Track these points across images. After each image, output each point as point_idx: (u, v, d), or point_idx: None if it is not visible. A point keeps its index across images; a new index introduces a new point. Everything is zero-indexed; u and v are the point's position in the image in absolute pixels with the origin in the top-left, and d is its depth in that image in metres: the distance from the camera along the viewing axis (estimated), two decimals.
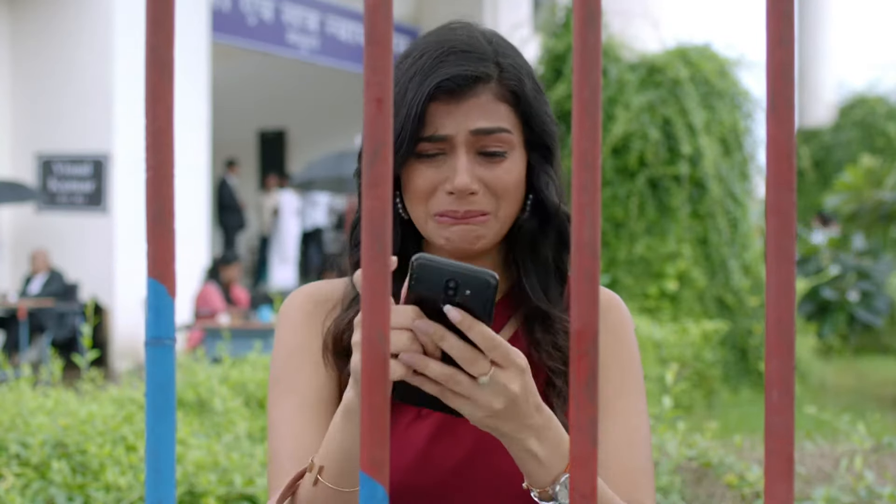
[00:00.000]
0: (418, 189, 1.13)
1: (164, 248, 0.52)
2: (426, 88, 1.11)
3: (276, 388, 1.19)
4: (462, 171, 1.11)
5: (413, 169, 1.13)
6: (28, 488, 2.92)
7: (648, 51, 9.53)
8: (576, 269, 0.56)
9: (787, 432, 0.52)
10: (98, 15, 9.76)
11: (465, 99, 1.12)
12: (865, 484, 3.36)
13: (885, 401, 8.41)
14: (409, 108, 1.11)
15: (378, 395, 0.53)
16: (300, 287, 1.26)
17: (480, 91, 1.13)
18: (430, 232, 1.15)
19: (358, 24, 13.44)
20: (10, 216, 10.40)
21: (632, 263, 8.98)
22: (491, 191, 1.13)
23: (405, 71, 1.14)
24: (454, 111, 1.12)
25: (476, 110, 1.12)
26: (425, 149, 1.12)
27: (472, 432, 1.15)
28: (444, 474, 1.15)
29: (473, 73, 1.12)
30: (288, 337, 1.21)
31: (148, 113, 0.52)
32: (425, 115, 1.11)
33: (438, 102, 1.12)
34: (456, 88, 1.12)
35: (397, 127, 1.12)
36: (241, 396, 4.49)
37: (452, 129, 1.12)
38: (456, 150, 1.12)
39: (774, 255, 0.52)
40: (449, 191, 1.12)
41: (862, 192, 9.52)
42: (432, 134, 1.12)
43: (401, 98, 1.13)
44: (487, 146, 1.13)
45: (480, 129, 1.12)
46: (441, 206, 1.13)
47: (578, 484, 0.59)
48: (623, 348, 1.22)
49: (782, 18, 0.51)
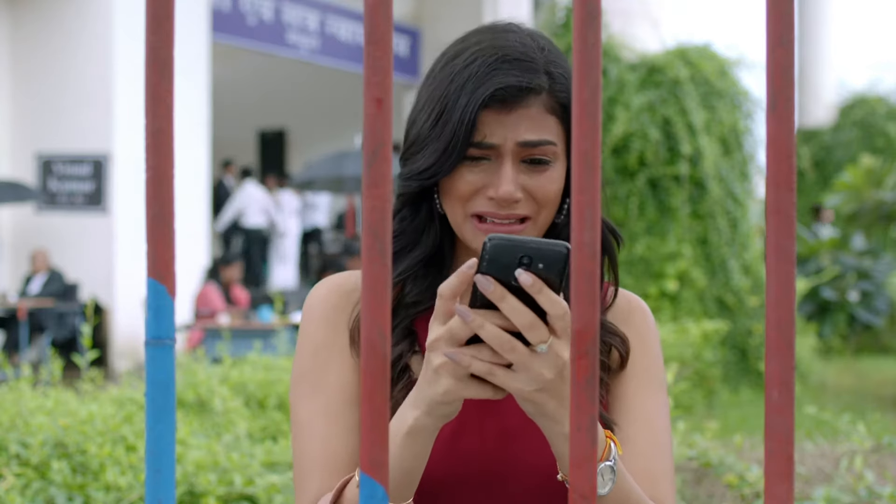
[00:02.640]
0: (460, 191, 1.14)
1: (164, 248, 0.52)
2: (480, 96, 1.11)
3: (301, 386, 1.18)
4: (507, 180, 1.12)
5: (456, 171, 1.14)
6: (28, 488, 2.92)
7: (648, 51, 9.53)
8: (576, 269, 0.56)
9: (787, 432, 0.52)
10: (98, 15, 9.76)
11: (516, 109, 1.13)
12: (865, 484, 3.36)
13: (885, 401, 8.41)
14: (462, 113, 1.11)
15: (378, 395, 0.53)
16: (326, 278, 1.25)
17: (531, 102, 1.13)
18: (467, 234, 1.15)
19: (358, 24, 13.43)
20: (10, 216, 10.40)
21: (632, 263, 8.98)
22: (533, 198, 1.14)
23: (457, 73, 1.14)
24: (504, 120, 1.12)
25: (525, 122, 1.13)
26: (471, 153, 1.13)
27: (496, 425, 1.16)
28: (467, 467, 1.15)
29: (527, 84, 1.12)
30: (313, 332, 1.20)
31: (148, 113, 0.52)
32: (476, 123, 1.12)
33: (490, 110, 1.12)
34: (509, 98, 1.12)
35: (449, 131, 1.12)
36: (241, 396, 4.49)
37: (501, 138, 1.12)
38: (502, 158, 1.13)
39: (774, 255, 0.52)
40: (491, 196, 1.13)
41: (862, 192, 9.52)
42: (481, 140, 1.12)
43: (452, 102, 1.13)
44: (533, 155, 1.14)
45: (528, 142, 1.13)
46: (481, 208, 1.13)
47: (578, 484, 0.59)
48: (647, 351, 1.23)
49: (782, 18, 0.51)
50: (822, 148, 17.70)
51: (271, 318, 8.54)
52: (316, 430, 1.15)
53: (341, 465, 1.13)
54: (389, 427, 1.06)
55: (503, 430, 1.16)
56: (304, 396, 1.17)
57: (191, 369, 4.71)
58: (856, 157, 13.96)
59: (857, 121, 17.80)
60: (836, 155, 17.40)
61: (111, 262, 9.80)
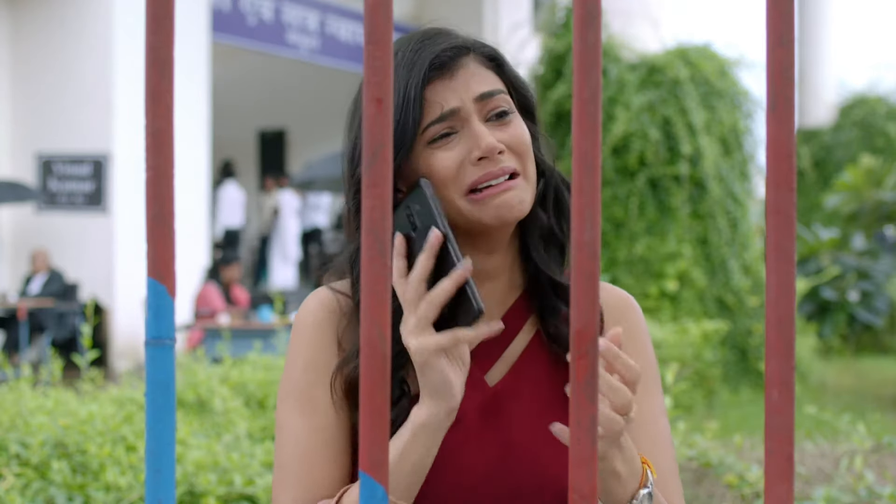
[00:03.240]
0: (445, 170, 1.12)
1: (164, 248, 0.52)
2: (419, 72, 1.12)
3: (288, 402, 1.17)
4: (483, 133, 1.12)
5: (429, 157, 1.13)
6: (28, 488, 2.92)
7: (648, 51, 9.53)
8: (576, 269, 0.56)
9: (787, 432, 0.52)
10: (98, 15, 9.76)
11: (457, 71, 1.14)
12: (865, 484, 3.36)
13: (885, 401, 8.40)
14: (405, 97, 1.11)
15: (378, 395, 0.53)
16: (314, 291, 1.23)
17: (466, 62, 1.15)
18: (467, 213, 1.12)
19: (358, 24, 13.43)
20: (10, 216, 10.40)
21: (632, 263, 8.98)
22: (512, 150, 1.13)
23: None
24: (451, 85, 1.13)
25: (471, 79, 1.14)
26: (436, 131, 1.12)
27: (502, 440, 1.15)
28: (473, 482, 1.14)
29: (455, 44, 1.15)
30: (301, 349, 1.18)
31: (148, 113, 0.52)
32: (424, 100, 1.12)
33: (433, 83, 1.13)
34: (447, 62, 1.13)
35: (399, 120, 1.11)
36: (241, 396, 4.49)
37: (457, 101, 1.13)
38: (467, 121, 1.13)
39: (774, 255, 0.52)
40: (477, 157, 1.11)
41: (862, 192, 9.52)
42: (441, 113, 1.12)
43: (395, 95, 1.12)
44: (493, 108, 1.14)
45: (484, 93, 1.14)
46: (473, 176, 1.12)
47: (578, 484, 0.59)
48: (640, 351, 1.22)
49: (782, 18, 0.51)
50: (822, 148, 17.69)
51: (271, 318, 8.54)
52: (300, 446, 1.14)
53: (322, 483, 1.12)
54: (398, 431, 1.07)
55: (508, 444, 1.15)
56: (293, 412, 1.16)
57: (191, 369, 4.71)
58: (856, 157, 13.95)
59: (857, 121, 17.79)
60: (836, 155, 17.39)
61: (111, 262, 9.80)
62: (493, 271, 1.19)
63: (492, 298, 1.19)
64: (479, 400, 1.16)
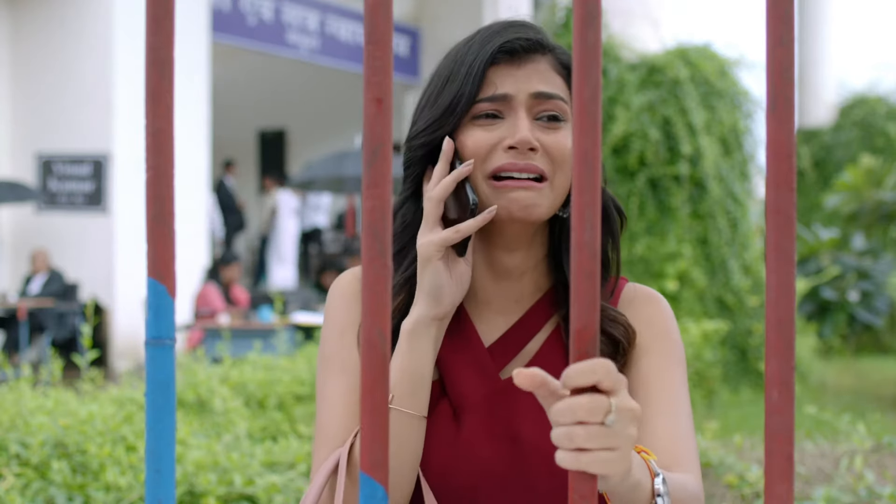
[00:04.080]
0: (475, 150, 1.13)
1: (164, 248, 0.52)
2: (488, 50, 1.14)
3: (327, 366, 1.21)
4: (523, 126, 1.12)
5: (469, 132, 1.14)
6: (28, 488, 2.92)
7: (648, 51, 9.53)
8: (576, 269, 0.56)
9: (787, 432, 0.52)
10: (98, 15, 9.76)
11: (525, 63, 1.15)
12: (865, 484, 3.36)
13: (885, 401, 8.40)
14: (469, 67, 1.13)
15: (378, 394, 0.53)
16: (352, 268, 1.27)
17: (539, 59, 1.16)
18: (484, 198, 1.14)
19: (358, 24, 13.43)
20: (10, 216, 10.40)
21: (632, 263, 8.97)
22: (549, 154, 1.14)
23: (461, 48, 1.17)
24: (515, 73, 1.14)
25: (536, 75, 1.15)
26: (482, 109, 1.14)
27: (510, 434, 1.16)
28: (482, 475, 1.15)
29: (535, 38, 1.16)
30: (339, 314, 1.22)
31: (148, 113, 0.52)
32: (485, 78, 1.13)
33: (499, 66, 1.14)
34: (518, 50, 1.15)
35: (456, 86, 1.13)
36: (241, 396, 4.49)
37: (513, 89, 1.14)
38: (515, 110, 1.14)
39: (774, 255, 0.52)
40: (509, 145, 1.12)
41: (862, 192, 9.52)
42: (493, 93, 1.13)
43: (459, 64, 1.15)
44: (546, 111, 1.15)
45: (542, 93, 1.14)
46: (499, 162, 1.13)
47: (578, 484, 0.59)
48: (657, 333, 1.21)
49: (782, 18, 0.51)
50: (822, 148, 17.69)
51: (271, 318, 8.54)
52: (339, 410, 1.17)
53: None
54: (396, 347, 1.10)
55: (517, 438, 1.16)
56: (330, 376, 1.19)
57: (191, 369, 4.71)
58: (856, 157, 13.95)
59: (857, 121, 17.79)
60: (836, 155, 17.39)
61: (111, 262, 9.79)
62: (514, 270, 1.20)
63: (513, 296, 1.21)
64: (490, 392, 1.17)
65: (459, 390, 1.17)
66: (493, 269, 1.20)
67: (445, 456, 1.14)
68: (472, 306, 1.21)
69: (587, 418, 0.68)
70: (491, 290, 1.21)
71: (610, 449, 0.69)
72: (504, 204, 1.12)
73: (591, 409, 0.68)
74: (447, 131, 1.14)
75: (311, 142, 16.04)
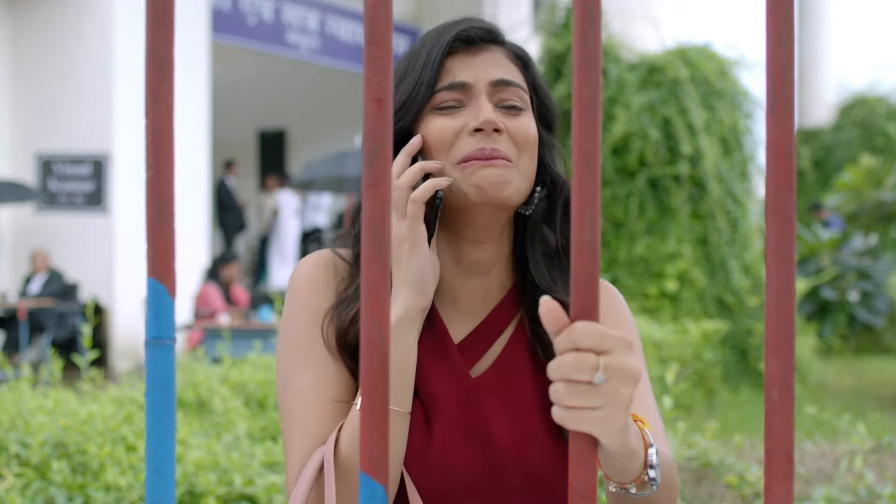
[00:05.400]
0: (440, 138, 1.14)
1: (164, 248, 0.52)
2: (445, 40, 1.15)
3: (292, 356, 1.17)
4: (486, 108, 1.14)
5: (431, 122, 1.15)
6: (28, 488, 2.92)
7: (648, 51, 9.53)
8: (576, 269, 0.56)
9: (787, 432, 0.52)
10: (98, 15, 9.76)
11: (481, 52, 1.17)
12: (865, 484, 3.36)
13: (885, 401, 8.41)
14: (427, 57, 1.15)
15: (378, 395, 0.53)
16: (313, 252, 1.24)
17: (494, 49, 1.18)
18: (457, 183, 1.14)
19: (358, 24, 13.43)
20: (10, 216, 10.40)
21: (632, 263, 8.97)
22: (513, 138, 1.14)
23: (416, 45, 1.19)
24: (472, 63, 1.16)
25: (493, 64, 1.17)
26: (444, 99, 1.15)
27: (489, 437, 1.15)
28: (459, 479, 1.14)
29: (488, 28, 1.18)
30: (308, 301, 1.18)
31: (148, 113, 0.52)
32: (442, 68, 1.15)
33: (456, 55, 1.16)
34: (475, 39, 1.16)
35: (413, 81, 1.14)
36: (241, 396, 4.49)
37: (472, 77, 1.15)
38: (476, 97, 1.15)
39: (774, 255, 0.52)
40: (474, 128, 1.13)
41: (862, 192, 9.52)
42: (452, 81, 1.15)
43: (416, 58, 1.16)
44: (506, 99, 1.16)
45: (501, 80, 1.16)
46: (466, 149, 1.13)
47: (578, 484, 0.59)
48: (617, 322, 1.23)
49: (782, 18, 0.51)
50: (822, 148, 17.69)
51: (271, 318, 8.54)
52: (313, 398, 1.13)
53: (331, 431, 1.12)
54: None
55: (489, 439, 1.15)
56: (302, 366, 1.15)
57: (191, 369, 4.71)
58: (856, 157, 13.95)
59: (857, 121, 17.79)
60: (836, 155, 17.40)
61: (111, 262, 9.79)
62: (484, 265, 1.20)
63: (479, 293, 1.21)
64: (461, 392, 1.17)
65: (431, 391, 1.16)
66: (461, 265, 1.19)
67: (418, 459, 1.13)
68: (440, 303, 1.20)
69: (571, 375, 0.69)
70: (458, 286, 1.20)
71: (594, 408, 0.69)
72: (475, 182, 1.12)
73: (575, 366, 0.68)
74: (408, 122, 1.15)
75: (311, 142, 16.04)
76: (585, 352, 0.68)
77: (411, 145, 1.14)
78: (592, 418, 0.69)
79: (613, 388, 0.71)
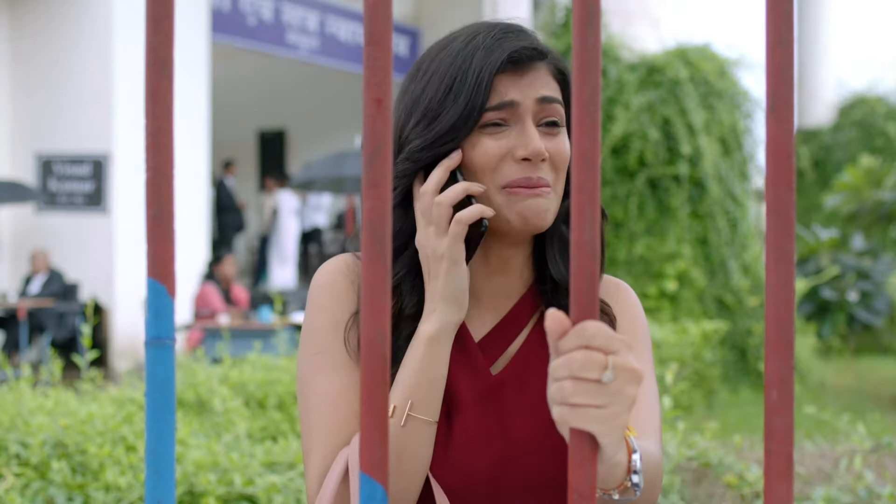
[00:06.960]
0: (487, 159, 1.15)
1: (164, 248, 0.52)
2: (496, 60, 1.15)
3: (313, 361, 1.17)
4: (535, 136, 1.14)
5: (476, 142, 1.15)
6: (28, 488, 2.92)
7: (648, 51, 9.53)
8: (576, 269, 0.56)
9: (786, 432, 0.52)
10: (98, 15, 9.76)
11: (528, 71, 1.17)
12: (865, 484, 3.36)
13: (885, 401, 8.41)
14: (477, 77, 1.14)
15: (378, 395, 0.53)
16: (335, 256, 1.25)
17: (539, 66, 1.18)
18: (499, 207, 1.15)
19: (358, 24, 13.43)
20: (10, 216, 10.40)
21: (632, 263, 8.98)
22: (552, 162, 1.16)
23: (460, 49, 1.17)
24: (519, 82, 1.16)
25: (539, 81, 1.17)
26: (489, 118, 1.15)
27: (504, 437, 1.16)
28: (474, 477, 1.15)
29: (536, 46, 1.18)
30: (332, 304, 1.19)
31: (148, 113, 0.52)
32: (492, 85, 1.15)
33: (504, 74, 1.16)
34: (524, 60, 1.16)
35: (465, 96, 1.14)
36: (241, 396, 4.49)
37: (519, 96, 1.16)
38: (522, 118, 1.16)
39: (774, 255, 0.52)
40: (522, 157, 1.14)
41: (862, 192, 9.52)
42: (500, 101, 1.15)
43: (464, 71, 1.15)
44: (548, 116, 1.17)
45: (546, 97, 1.17)
46: (511, 176, 1.14)
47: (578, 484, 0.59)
48: (633, 321, 1.26)
49: (782, 18, 0.51)
50: (821, 148, 17.70)
51: (271, 318, 8.54)
52: (337, 402, 1.14)
53: (350, 437, 1.14)
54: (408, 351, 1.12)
55: (509, 436, 1.16)
56: (326, 370, 1.16)
57: (191, 369, 4.71)
58: (855, 157, 13.95)
59: (856, 121, 17.80)
60: (836, 155, 17.40)
61: (111, 262, 9.79)
62: (511, 263, 1.22)
63: (502, 291, 1.22)
64: (482, 390, 1.18)
65: (452, 389, 1.17)
66: (489, 263, 1.21)
67: (439, 456, 1.14)
68: None
69: (580, 373, 0.69)
70: (483, 285, 1.22)
71: (600, 406, 0.70)
72: (519, 211, 1.14)
73: (585, 364, 0.69)
74: (457, 144, 1.15)
75: (311, 142, 16.05)
76: (595, 350, 0.69)
77: (451, 160, 1.14)
78: (597, 416, 0.69)
79: (619, 387, 0.72)
